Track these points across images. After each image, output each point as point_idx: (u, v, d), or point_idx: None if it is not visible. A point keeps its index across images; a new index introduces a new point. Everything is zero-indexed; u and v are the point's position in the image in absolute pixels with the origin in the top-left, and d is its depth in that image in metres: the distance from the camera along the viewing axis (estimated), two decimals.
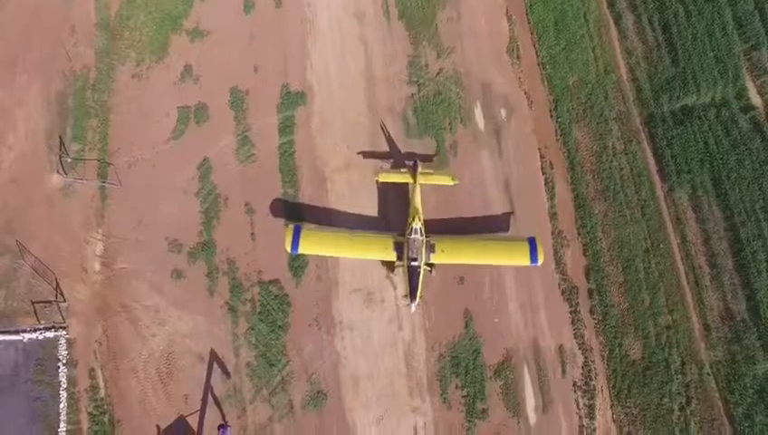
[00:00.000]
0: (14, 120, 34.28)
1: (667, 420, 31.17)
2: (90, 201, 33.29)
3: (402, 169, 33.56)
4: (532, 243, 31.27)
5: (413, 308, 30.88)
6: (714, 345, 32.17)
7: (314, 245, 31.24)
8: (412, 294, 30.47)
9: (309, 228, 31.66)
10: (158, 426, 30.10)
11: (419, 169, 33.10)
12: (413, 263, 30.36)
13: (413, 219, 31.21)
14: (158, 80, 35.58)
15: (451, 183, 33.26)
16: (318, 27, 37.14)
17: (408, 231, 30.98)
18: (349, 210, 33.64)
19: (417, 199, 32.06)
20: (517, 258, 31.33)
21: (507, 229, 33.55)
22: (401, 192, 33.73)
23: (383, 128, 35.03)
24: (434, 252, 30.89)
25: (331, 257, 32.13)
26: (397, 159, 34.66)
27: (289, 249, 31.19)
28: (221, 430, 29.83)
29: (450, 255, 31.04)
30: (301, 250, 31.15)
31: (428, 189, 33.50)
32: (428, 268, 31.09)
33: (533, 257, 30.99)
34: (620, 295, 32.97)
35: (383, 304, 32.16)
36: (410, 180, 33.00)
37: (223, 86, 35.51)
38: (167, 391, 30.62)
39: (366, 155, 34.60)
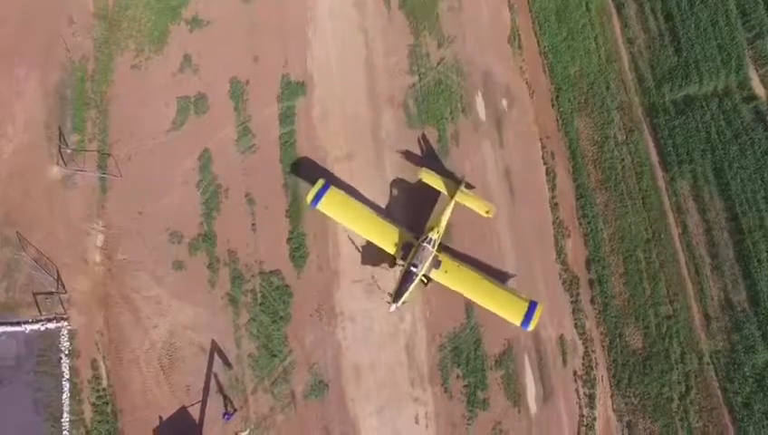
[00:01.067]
0: (13, 111, 34.08)
1: (666, 409, 31.34)
2: (90, 192, 33.21)
3: (444, 178, 32.63)
4: (532, 308, 30.32)
5: (392, 309, 30.72)
6: (714, 335, 32.26)
7: (334, 206, 31.43)
8: (397, 295, 30.30)
9: (336, 190, 31.69)
10: (160, 416, 30.27)
11: (461, 187, 32.30)
12: (412, 268, 30.10)
13: (432, 230, 30.83)
14: (157, 70, 35.35)
15: (484, 215, 32.26)
16: (318, 16, 36.84)
17: (423, 238, 30.65)
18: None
19: (447, 215, 31.41)
20: (511, 315, 30.45)
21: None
22: (407, 190, 33.68)
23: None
24: (437, 268, 30.64)
25: (342, 227, 31.97)
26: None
27: (309, 201, 31.42)
28: (225, 416, 30.04)
29: (451, 278, 30.72)
30: (320, 206, 31.31)
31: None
32: (424, 280, 30.82)
33: (526, 321, 30.11)
34: (621, 286, 33.00)
35: (384, 294, 32.18)
36: (447, 193, 32.16)
37: (222, 76, 35.30)
38: (168, 381, 30.77)
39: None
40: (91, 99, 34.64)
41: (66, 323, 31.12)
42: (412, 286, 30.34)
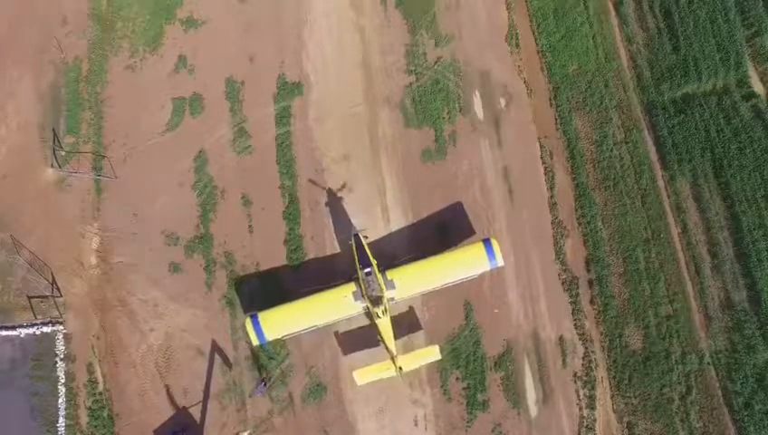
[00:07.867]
0: (6, 113, 33.95)
1: (667, 409, 31.17)
2: (85, 194, 33.03)
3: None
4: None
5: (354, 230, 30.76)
6: (714, 335, 32.08)
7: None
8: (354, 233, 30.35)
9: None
10: (157, 420, 30.02)
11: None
12: (365, 271, 28.98)
13: (379, 304, 29.00)
14: (152, 71, 35.12)
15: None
16: (314, 16, 36.57)
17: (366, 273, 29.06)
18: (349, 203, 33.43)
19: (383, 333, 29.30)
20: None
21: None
22: (405, 190, 33.60)
23: None
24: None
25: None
26: None
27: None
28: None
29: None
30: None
31: (424, 178, 33.33)
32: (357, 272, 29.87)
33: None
34: (621, 285, 32.82)
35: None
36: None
37: (218, 76, 35.07)
38: (166, 384, 30.57)
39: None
40: (86, 100, 34.41)
41: (62, 327, 30.92)
42: (355, 255, 29.86)
